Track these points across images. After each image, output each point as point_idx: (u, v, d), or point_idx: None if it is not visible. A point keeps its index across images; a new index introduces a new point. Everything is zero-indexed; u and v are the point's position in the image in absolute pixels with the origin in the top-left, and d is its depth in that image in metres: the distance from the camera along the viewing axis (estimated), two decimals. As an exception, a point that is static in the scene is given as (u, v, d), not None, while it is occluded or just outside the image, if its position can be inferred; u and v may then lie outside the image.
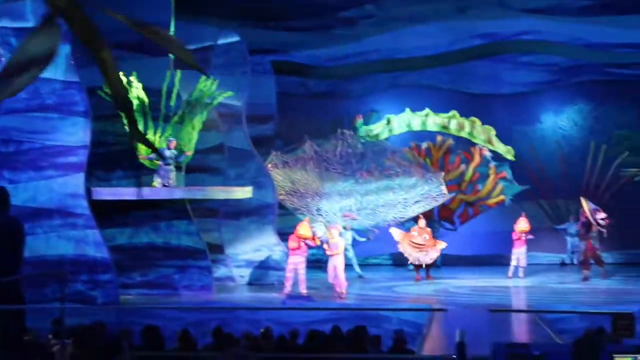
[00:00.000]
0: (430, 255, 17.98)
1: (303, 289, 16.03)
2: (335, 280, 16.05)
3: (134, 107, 15.64)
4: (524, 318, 13.48)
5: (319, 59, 20.48)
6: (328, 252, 16.29)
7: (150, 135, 15.84)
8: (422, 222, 18.42)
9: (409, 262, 18.49)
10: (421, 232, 18.18)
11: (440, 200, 19.01)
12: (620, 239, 20.34)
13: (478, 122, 19.84)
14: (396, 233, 18.31)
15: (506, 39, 19.96)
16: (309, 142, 19.20)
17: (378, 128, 19.79)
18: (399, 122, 19.86)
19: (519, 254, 18.21)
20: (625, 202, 20.77)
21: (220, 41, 17.80)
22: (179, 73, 15.71)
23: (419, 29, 19.34)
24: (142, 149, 15.85)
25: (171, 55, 16.14)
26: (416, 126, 20.16)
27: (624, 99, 21.30)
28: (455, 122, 19.97)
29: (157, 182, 15.75)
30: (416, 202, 18.89)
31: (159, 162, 15.72)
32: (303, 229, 16.01)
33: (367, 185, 19.12)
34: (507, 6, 18.64)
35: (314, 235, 16.34)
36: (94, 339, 9.07)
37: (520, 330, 13.00)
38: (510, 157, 20.04)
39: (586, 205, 18.07)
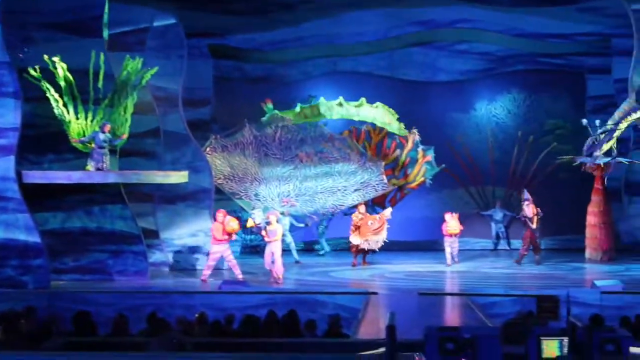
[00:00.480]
0: (385, 231, 18.13)
1: (239, 274, 16.09)
2: (272, 266, 16.10)
3: (62, 89, 15.35)
4: (458, 303, 13.70)
5: (257, 43, 20.37)
6: (266, 239, 16.34)
7: (81, 119, 15.55)
8: (362, 207, 18.54)
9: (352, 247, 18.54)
10: (368, 217, 18.30)
11: (380, 190, 19.12)
12: (551, 225, 20.80)
13: (381, 105, 19.82)
14: (357, 240, 18.22)
15: (442, 27, 20.14)
16: (248, 127, 19.14)
17: (290, 114, 19.67)
18: (312, 109, 19.71)
19: (451, 242, 18.36)
20: (556, 189, 21.22)
21: (157, 23, 17.54)
22: (102, 55, 15.42)
23: (357, 14, 19.39)
24: (74, 129, 15.55)
25: (105, 37, 15.87)
26: (328, 114, 19.93)
27: (556, 88, 21.71)
28: (366, 109, 19.77)
29: (90, 165, 15.51)
30: (355, 190, 18.99)
31: (92, 146, 15.47)
32: (232, 225, 16.13)
33: (305, 171, 19.15)
34: (444, -6, 18.87)
35: (239, 224, 16.50)
36: (24, 324, 8.92)
37: (453, 315, 13.22)
38: (403, 133, 19.89)
39: (522, 195, 18.39)
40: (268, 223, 16.46)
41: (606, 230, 18.85)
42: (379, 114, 19.56)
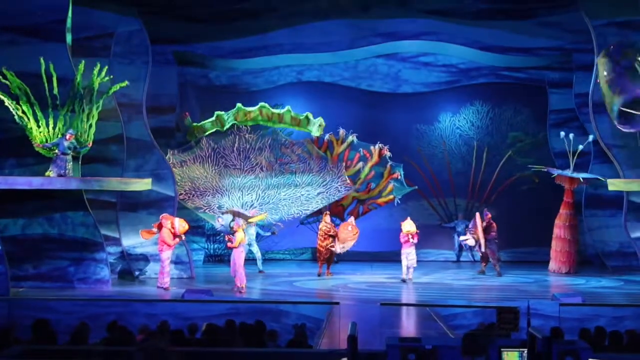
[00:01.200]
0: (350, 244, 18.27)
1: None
2: (235, 274, 16.09)
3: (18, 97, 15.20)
4: (420, 313, 13.75)
5: (223, 51, 20.30)
6: (229, 245, 16.32)
7: (43, 126, 15.39)
8: (327, 217, 18.61)
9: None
10: (341, 225, 18.38)
11: (343, 192, 19.24)
12: (512, 237, 21.05)
13: (311, 115, 19.86)
14: (339, 246, 18.25)
15: (407, 39, 20.28)
16: (205, 139, 19.13)
17: (208, 123, 19.69)
18: (227, 117, 19.68)
19: (407, 254, 17.80)
20: (517, 201, 21.46)
21: (121, 29, 17.41)
22: (48, 63, 15.26)
23: (323, 25, 19.44)
24: (37, 137, 15.39)
25: (68, 41, 15.71)
26: (241, 120, 19.83)
27: (518, 101, 21.96)
28: (269, 114, 19.75)
29: (52, 172, 15.33)
30: (319, 193, 19.12)
31: (57, 151, 15.32)
32: (183, 225, 16.21)
33: (267, 180, 19.20)
34: (408, 6, 18.98)
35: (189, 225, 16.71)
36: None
37: (415, 325, 13.27)
38: (319, 133, 19.86)
39: (478, 218, 18.56)
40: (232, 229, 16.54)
41: (574, 243, 19.12)
42: (316, 128, 19.61)
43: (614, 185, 17.43)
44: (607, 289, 16.91)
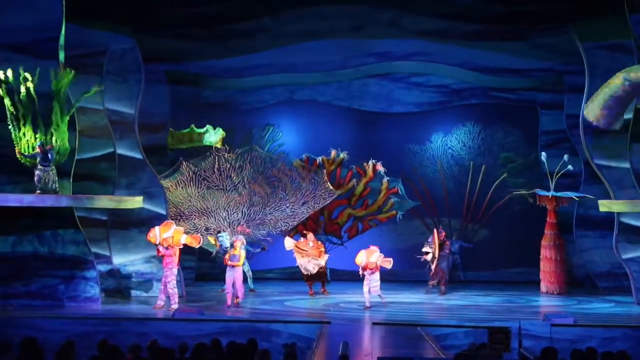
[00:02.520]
0: (312, 264, 18.14)
1: (173, 303, 15.81)
2: (232, 290, 16.13)
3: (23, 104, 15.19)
4: (411, 333, 13.71)
5: (215, 70, 20.36)
6: (229, 263, 16.26)
7: (40, 137, 15.36)
8: (310, 235, 18.61)
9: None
10: (308, 242, 18.44)
11: (328, 199, 19.26)
12: (504, 257, 21.05)
13: (212, 128, 19.95)
14: (288, 242, 18.43)
15: (399, 59, 20.37)
16: (185, 163, 19.15)
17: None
18: (184, 137, 19.84)
19: (369, 280, 16.89)
20: (510, 221, 21.47)
21: (114, 47, 17.42)
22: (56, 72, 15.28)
23: (315, 44, 19.53)
24: (30, 142, 15.32)
25: (61, 59, 15.69)
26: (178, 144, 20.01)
27: (510, 122, 22.04)
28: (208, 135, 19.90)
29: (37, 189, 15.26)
30: (304, 203, 19.14)
31: (37, 162, 15.24)
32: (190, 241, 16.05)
33: (251, 197, 19.21)
34: (400, 27, 19.09)
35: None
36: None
37: (408, 346, 13.23)
38: (219, 143, 19.88)
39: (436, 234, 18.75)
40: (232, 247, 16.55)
41: (562, 264, 19.14)
42: (218, 138, 19.72)
43: (605, 206, 17.47)
44: (599, 310, 16.91)
